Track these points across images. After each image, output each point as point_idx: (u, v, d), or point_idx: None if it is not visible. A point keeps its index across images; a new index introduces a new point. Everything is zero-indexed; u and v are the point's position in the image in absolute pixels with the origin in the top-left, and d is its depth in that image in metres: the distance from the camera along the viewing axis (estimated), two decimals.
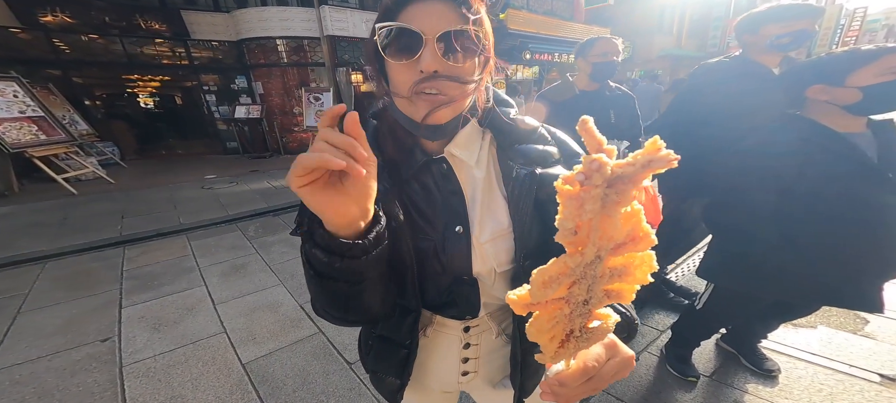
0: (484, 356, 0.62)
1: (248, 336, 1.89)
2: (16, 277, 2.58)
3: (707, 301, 1.33)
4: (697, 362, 1.51)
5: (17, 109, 4.49)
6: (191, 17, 6.73)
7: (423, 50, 0.43)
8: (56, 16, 5.78)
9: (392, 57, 0.44)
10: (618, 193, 0.24)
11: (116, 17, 6.25)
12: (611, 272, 0.29)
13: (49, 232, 3.29)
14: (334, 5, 7.09)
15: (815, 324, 1.70)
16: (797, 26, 1.18)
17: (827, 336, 1.61)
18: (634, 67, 13.62)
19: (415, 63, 0.44)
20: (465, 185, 0.52)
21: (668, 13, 14.14)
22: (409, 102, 0.46)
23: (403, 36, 0.43)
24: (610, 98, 1.68)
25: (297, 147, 7.68)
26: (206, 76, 7.48)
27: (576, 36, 11.02)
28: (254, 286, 2.40)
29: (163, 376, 1.63)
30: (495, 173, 0.54)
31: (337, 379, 1.58)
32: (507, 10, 8.95)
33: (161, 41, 6.82)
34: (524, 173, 0.51)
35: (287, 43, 7.11)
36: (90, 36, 6.23)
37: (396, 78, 0.46)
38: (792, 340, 1.59)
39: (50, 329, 1.98)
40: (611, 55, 1.57)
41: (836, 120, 0.93)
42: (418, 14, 0.43)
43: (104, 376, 1.63)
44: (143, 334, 1.93)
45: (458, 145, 0.51)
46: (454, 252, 0.51)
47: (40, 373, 1.65)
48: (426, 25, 0.43)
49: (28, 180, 4.90)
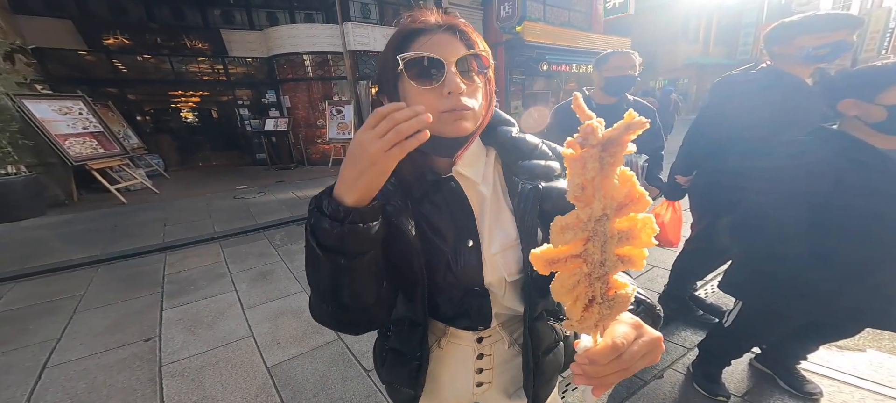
0: (498, 365, 0.63)
1: (272, 341, 1.99)
2: (73, 279, 2.86)
3: (736, 319, 1.28)
4: (729, 382, 1.43)
5: (81, 126, 5.02)
6: (228, 35, 7.31)
7: (446, 74, 0.47)
8: (117, 38, 6.48)
9: (417, 83, 0.48)
10: (610, 154, 0.30)
11: (166, 38, 6.92)
12: (619, 235, 0.33)
13: (102, 238, 3.61)
14: (357, 21, 7.48)
15: (863, 347, 1.57)
16: (834, 38, 1.13)
17: (877, 360, 1.49)
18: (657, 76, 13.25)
19: (440, 87, 0.48)
20: (473, 201, 0.56)
21: (693, 20, 13.73)
22: (435, 120, 0.49)
23: (427, 64, 0.48)
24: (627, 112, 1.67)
25: (319, 158, 8.02)
26: (241, 91, 8.05)
27: (594, 46, 10.91)
28: (279, 293, 2.52)
29: (196, 376, 1.74)
30: (502, 189, 0.58)
31: (354, 386, 1.63)
32: (523, 23, 9.04)
33: (203, 59, 7.45)
34: (529, 187, 0.54)
35: (313, 58, 7.54)
36: (144, 56, 6.91)
37: (421, 101, 0.49)
38: (837, 363, 1.49)
39: (100, 329, 2.17)
40: (625, 69, 1.56)
41: (868, 137, 0.90)
42: (433, 44, 0.48)
43: (145, 374, 1.77)
44: (181, 335, 2.08)
45: (465, 164, 0.55)
46: (466, 264, 0.54)
47: (92, 369, 1.81)
48: (443, 53, 0.48)
49: (85, 190, 5.41)
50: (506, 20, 9.15)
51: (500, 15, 9.18)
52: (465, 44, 0.50)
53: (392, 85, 0.52)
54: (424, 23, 0.50)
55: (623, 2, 10.23)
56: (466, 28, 0.51)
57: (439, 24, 0.50)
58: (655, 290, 2.19)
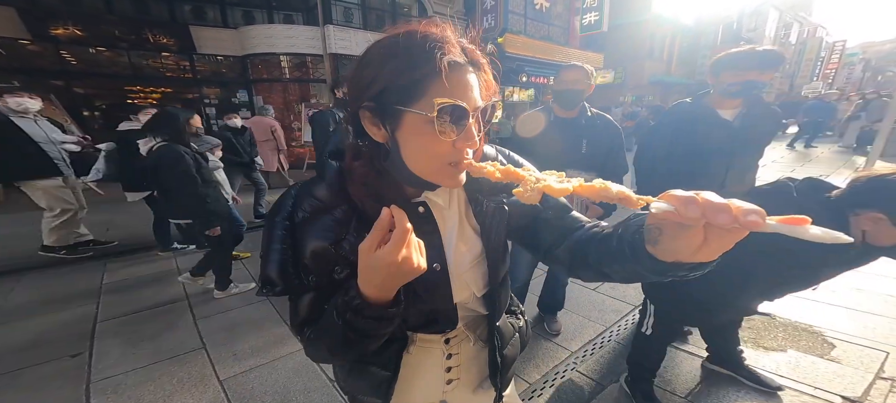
0: (465, 362, 0.67)
1: (228, 352, 1.88)
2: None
3: (654, 324, 1.38)
4: (686, 387, 1.54)
5: None
6: (199, 32, 6.95)
7: (466, 127, 0.42)
8: (67, 29, 5.95)
9: (442, 129, 0.41)
10: None
11: (126, 31, 6.45)
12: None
13: (30, 244, 3.19)
14: (339, 25, 7.38)
15: (785, 348, 1.77)
16: (747, 77, 1.25)
17: (795, 359, 1.68)
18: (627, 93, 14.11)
19: (458, 138, 0.42)
20: (441, 223, 0.55)
21: (658, 40, 14.77)
22: (437, 168, 0.45)
23: (455, 112, 0.41)
24: (585, 127, 1.60)
25: (294, 162, 7.77)
26: (209, 89, 7.64)
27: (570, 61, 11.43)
28: (239, 301, 2.39)
29: (132, 392, 1.61)
30: (465, 206, 0.58)
31: (318, 397, 1.58)
32: (505, 35, 9.35)
33: (167, 54, 7.01)
34: (493, 205, 0.56)
35: (290, 59, 7.34)
36: (97, 48, 6.39)
37: (434, 147, 0.43)
38: (763, 363, 1.66)
39: (19, 344, 1.95)
40: (574, 84, 1.52)
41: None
42: (463, 86, 0.42)
43: (70, 393, 1.60)
44: (117, 349, 1.91)
45: (434, 190, 0.53)
46: (435, 288, 0.55)
47: (5, 390, 1.62)
48: (468, 98, 0.42)
49: (14, 191, 4.87)
50: (488, 31, 9.43)
51: (483, 26, 9.45)
52: (483, 84, 0.45)
53: (397, 110, 0.42)
54: (453, 57, 0.41)
55: (597, 19, 10.86)
56: (486, 64, 0.46)
57: (466, 59, 0.43)
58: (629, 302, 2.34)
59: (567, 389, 1.59)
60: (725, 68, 1.30)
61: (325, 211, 0.49)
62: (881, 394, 1.45)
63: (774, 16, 18.56)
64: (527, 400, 1.53)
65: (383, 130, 0.45)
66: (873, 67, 32.74)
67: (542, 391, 1.58)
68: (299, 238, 0.49)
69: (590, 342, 1.91)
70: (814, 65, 22.18)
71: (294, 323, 0.53)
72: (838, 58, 22.65)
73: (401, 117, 0.42)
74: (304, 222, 0.49)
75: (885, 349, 1.70)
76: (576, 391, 1.57)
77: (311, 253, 0.48)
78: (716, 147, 1.37)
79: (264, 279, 0.50)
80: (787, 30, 20.50)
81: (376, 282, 0.43)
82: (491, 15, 9.43)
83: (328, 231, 0.49)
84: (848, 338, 1.80)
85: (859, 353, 1.70)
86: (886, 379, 1.52)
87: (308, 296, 0.51)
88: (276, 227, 0.50)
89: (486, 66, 0.46)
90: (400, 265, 0.41)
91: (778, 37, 19.32)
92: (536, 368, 1.73)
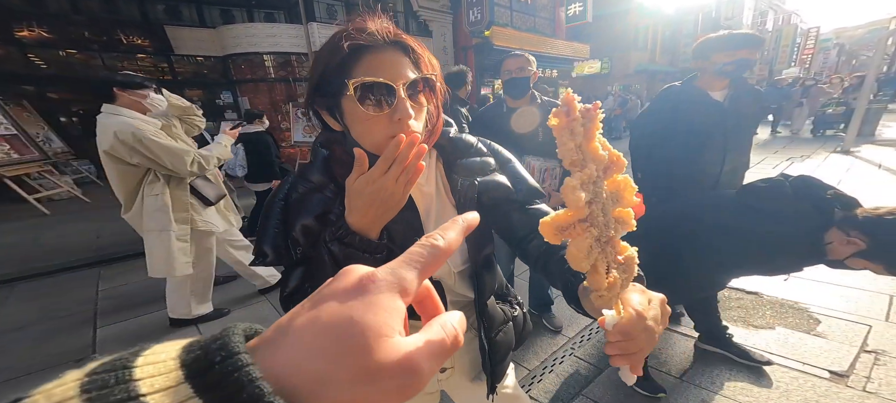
0: (457, 351, 0.67)
1: None
2: None
3: None
4: (678, 370, 1.58)
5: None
6: (175, 32, 6.71)
7: (397, 101, 0.46)
8: (32, 30, 5.67)
9: (364, 107, 0.47)
10: (588, 121, 0.34)
11: (96, 32, 6.18)
12: (613, 197, 0.35)
13: (19, 254, 3.16)
14: (322, 22, 7.22)
15: (773, 325, 1.83)
16: (739, 55, 1.31)
17: (783, 336, 1.74)
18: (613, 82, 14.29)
19: (389, 112, 0.47)
20: (419, 200, 0.59)
21: (642, 30, 14.98)
22: (383, 143, 0.49)
23: (377, 89, 0.46)
24: (539, 115, 1.61)
25: (286, 162, 7.62)
26: (191, 91, 7.40)
27: (557, 52, 11.49)
28: (239, 305, 2.37)
29: None
30: (444, 186, 0.62)
31: None
32: (491, 28, 9.31)
33: (143, 56, 6.75)
34: (467, 183, 0.59)
35: (274, 58, 7.16)
36: (68, 51, 6.11)
37: (371, 127, 0.48)
38: (753, 341, 1.71)
39: (22, 351, 1.91)
40: (520, 72, 1.56)
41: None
42: (382, 65, 0.47)
43: None
44: None
45: None
46: None
47: (6, 392, 1.58)
48: (393, 75, 0.47)
49: (5, 201, 4.68)
50: (474, 25, 9.36)
51: (469, 19, 9.37)
52: (413, 61, 0.50)
53: (334, 100, 0.50)
54: (371, 39, 0.48)
55: (582, 10, 10.92)
56: (413, 44, 0.51)
57: (387, 39, 0.48)
58: None
59: (566, 374, 1.60)
60: (716, 50, 1.34)
61: (318, 190, 0.56)
62: (866, 367, 1.50)
63: (751, 3, 19.02)
64: (527, 386, 1.54)
65: (335, 120, 0.53)
66: (847, 52, 33.93)
67: (541, 376, 1.59)
68: (292, 214, 0.55)
69: (586, 327, 1.93)
70: (790, 51, 22.82)
71: (283, 295, 0.56)
72: (813, 44, 23.39)
73: (340, 106, 0.50)
74: (298, 201, 0.55)
75: (868, 323, 1.77)
76: (574, 375, 1.59)
77: (301, 227, 0.54)
78: (711, 128, 1.39)
79: (257, 251, 0.56)
80: (762, 17, 21.06)
81: (360, 207, 0.46)
82: (477, 8, 9.34)
83: (318, 206, 0.55)
84: (833, 313, 1.87)
85: (844, 327, 1.76)
86: (870, 352, 1.58)
87: (298, 270, 0.55)
88: (274, 206, 0.57)
89: (416, 45, 0.51)
90: (381, 186, 0.44)
91: (755, 24, 19.82)
92: (535, 355, 1.74)
